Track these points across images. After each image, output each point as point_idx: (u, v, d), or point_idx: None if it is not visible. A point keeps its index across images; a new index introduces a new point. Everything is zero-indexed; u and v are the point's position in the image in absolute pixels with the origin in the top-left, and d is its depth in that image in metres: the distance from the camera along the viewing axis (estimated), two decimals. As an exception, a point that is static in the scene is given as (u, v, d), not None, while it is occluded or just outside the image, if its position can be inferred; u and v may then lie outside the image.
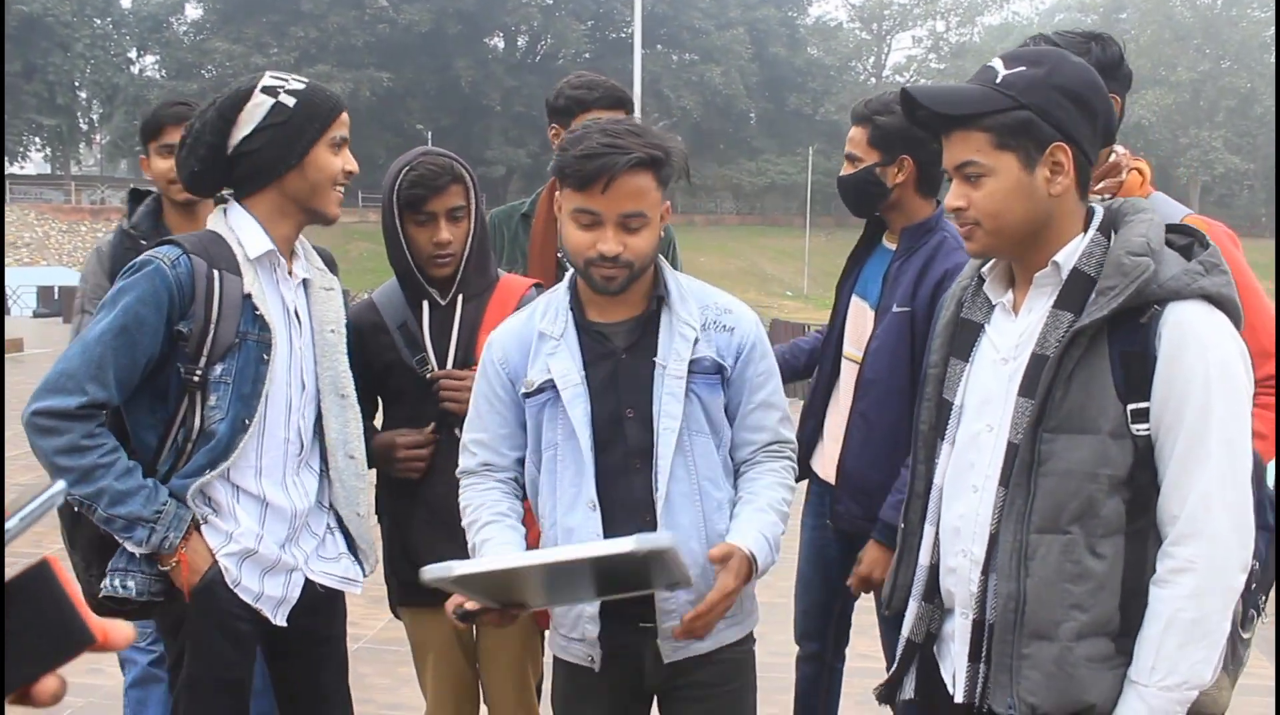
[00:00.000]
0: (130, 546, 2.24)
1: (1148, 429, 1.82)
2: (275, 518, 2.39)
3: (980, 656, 1.94)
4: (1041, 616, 1.85)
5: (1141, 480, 1.84)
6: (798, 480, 3.29)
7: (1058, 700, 1.85)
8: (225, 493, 2.32)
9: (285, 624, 2.41)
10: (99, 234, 44.01)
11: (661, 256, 2.28)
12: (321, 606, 2.50)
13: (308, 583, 2.45)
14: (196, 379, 2.26)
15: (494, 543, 2.18)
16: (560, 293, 2.28)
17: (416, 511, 2.67)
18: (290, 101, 2.30)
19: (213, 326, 2.25)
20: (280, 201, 2.36)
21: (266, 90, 2.30)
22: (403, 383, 2.69)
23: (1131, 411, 1.82)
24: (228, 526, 2.32)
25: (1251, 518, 1.84)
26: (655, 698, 2.37)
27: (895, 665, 2.15)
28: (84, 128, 63.01)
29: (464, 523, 2.27)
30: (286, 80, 2.34)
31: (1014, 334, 1.96)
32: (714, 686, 2.28)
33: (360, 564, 2.57)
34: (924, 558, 2.09)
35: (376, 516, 2.78)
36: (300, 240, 2.47)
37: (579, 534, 2.16)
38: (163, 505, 2.22)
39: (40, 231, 50.55)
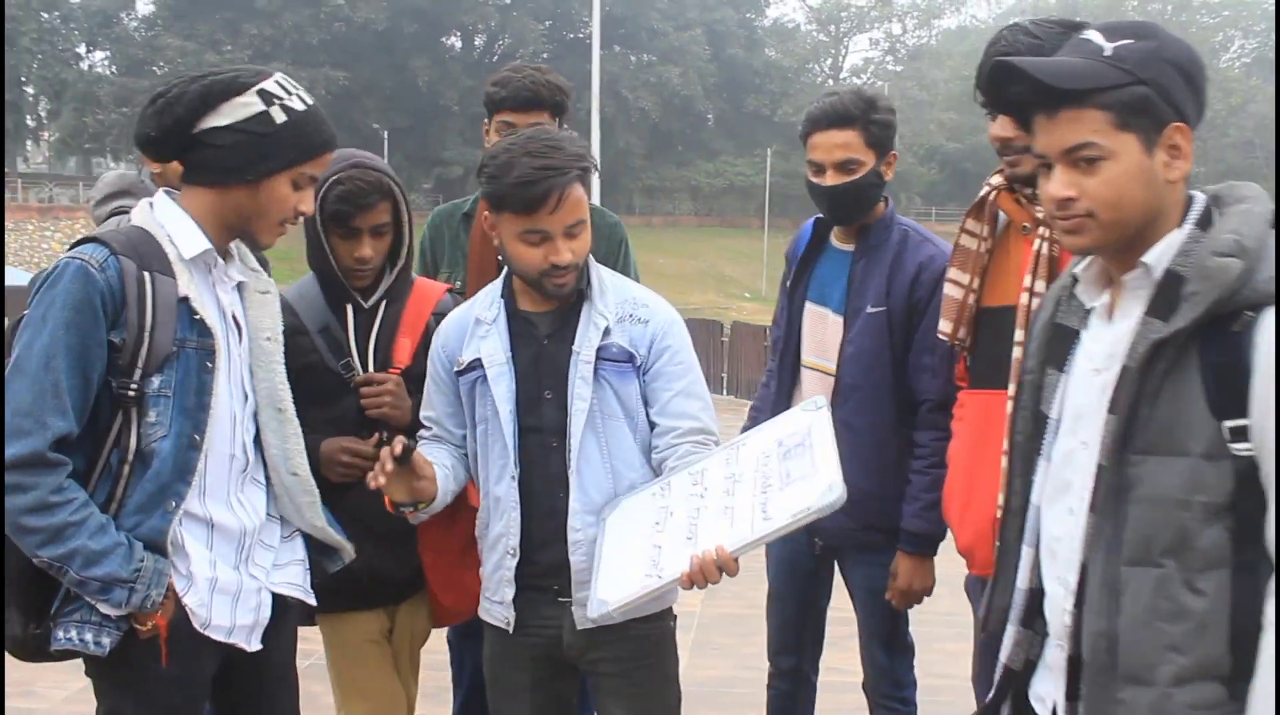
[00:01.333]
0: (106, 609, 2.02)
1: (1250, 449, 1.58)
2: (222, 540, 2.20)
3: (1078, 695, 1.74)
4: (1135, 658, 1.65)
5: (1247, 506, 1.59)
6: None
7: None
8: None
9: (260, 645, 2.25)
10: (46, 233, 43.17)
11: (591, 255, 2.45)
12: (272, 624, 2.32)
13: (275, 598, 2.29)
14: (132, 393, 2.05)
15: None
16: (497, 283, 2.49)
17: (337, 515, 2.54)
18: (280, 118, 2.11)
19: (147, 334, 2.04)
20: (220, 208, 2.17)
21: (263, 94, 2.11)
22: (321, 385, 2.60)
23: (1230, 429, 1.59)
24: (180, 564, 2.12)
25: None
26: (586, 680, 2.56)
27: (992, 693, 1.95)
28: (30, 124, 61.85)
29: None
30: (290, 94, 2.14)
31: (1108, 342, 1.74)
32: (632, 661, 2.44)
33: (338, 557, 2.44)
34: (1022, 580, 1.90)
35: None
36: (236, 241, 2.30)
37: (504, 502, 2.41)
38: (140, 562, 2.02)
39: (-16, 230, 49.44)
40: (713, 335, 15.43)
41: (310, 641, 2.71)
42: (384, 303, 2.72)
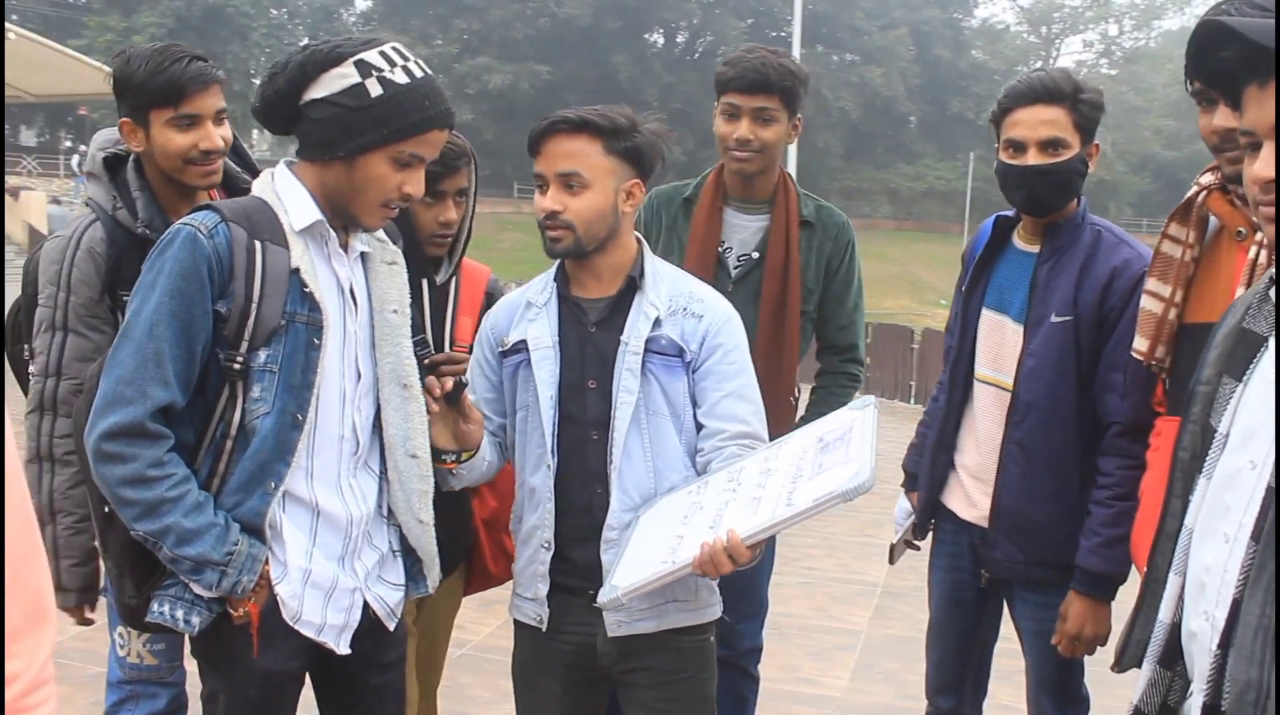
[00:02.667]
0: (198, 589, 1.98)
1: None
2: (329, 529, 2.10)
3: None
4: None
5: None
6: (930, 519, 2.92)
7: None
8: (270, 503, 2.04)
9: (349, 650, 2.14)
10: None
11: (644, 240, 2.42)
12: (378, 628, 2.22)
13: (367, 603, 2.18)
14: (238, 366, 1.97)
15: None
16: (552, 268, 2.42)
17: None
18: (376, 90, 1.98)
19: (255, 306, 1.97)
20: (321, 183, 2.07)
21: (360, 65, 1.99)
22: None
23: None
24: (276, 550, 2.04)
25: None
26: (616, 691, 2.43)
27: None
28: (257, 113, 65.44)
29: None
30: (395, 65, 2.00)
31: None
32: (667, 674, 2.33)
33: (423, 579, 2.30)
34: (1165, 613, 1.64)
35: None
36: None
37: (539, 494, 2.32)
38: (234, 545, 1.95)
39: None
40: (902, 341, 14.89)
41: (465, 631, 2.64)
42: (453, 279, 2.68)
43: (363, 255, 2.18)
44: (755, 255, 3.10)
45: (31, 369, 2.59)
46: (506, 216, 47.34)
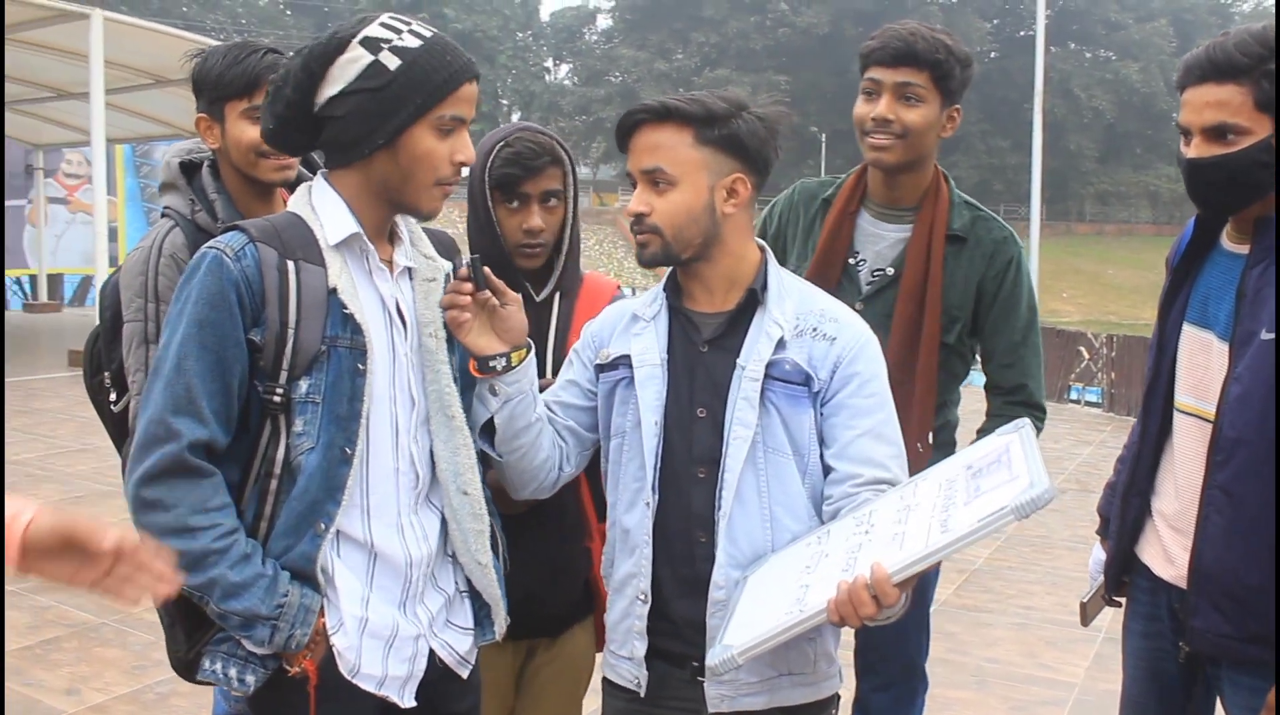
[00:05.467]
0: (250, 646, 1.79)
1: None
2: (386, 572, 1.87)
3: None
4: None
5: None
6: (1122, 574, 2.44)
7: None
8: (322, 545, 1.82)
9: (415, 703, 1.91)
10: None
11: (769, 249, 2.10)
12: (447, 676, 1.97)
13: (433, 651, 1.94)
14: (278, 399, 1.77)
15: None
16: (664, 279, 2.12)
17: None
18: (392, 63, 1.76)
19: (291, 332, 1.76)
20: (367, 184, 1.84)
21: (366, 43, 1.77)
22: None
23: None
24: (331, 596, 1.83)
25: None
26: None
27: None
28: (502, 132, 68.33)
29: None
30: (399, 32, 1.79)
31: None
32: None
33: (490, 625, 2.04)
34: None
35: None
36: (404, 219, 1.95)
37: (634, 536, 2.01)
38: (284, 597, 1.75)
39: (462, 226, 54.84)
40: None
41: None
42: (558, 296, 2.37)
43: (409, 271, 1.95)
44: (890, 271, 2.66)
45: (130, 389, 2.48)
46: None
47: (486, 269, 1.96)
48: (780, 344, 1.97)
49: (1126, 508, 2.38)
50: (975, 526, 1.58)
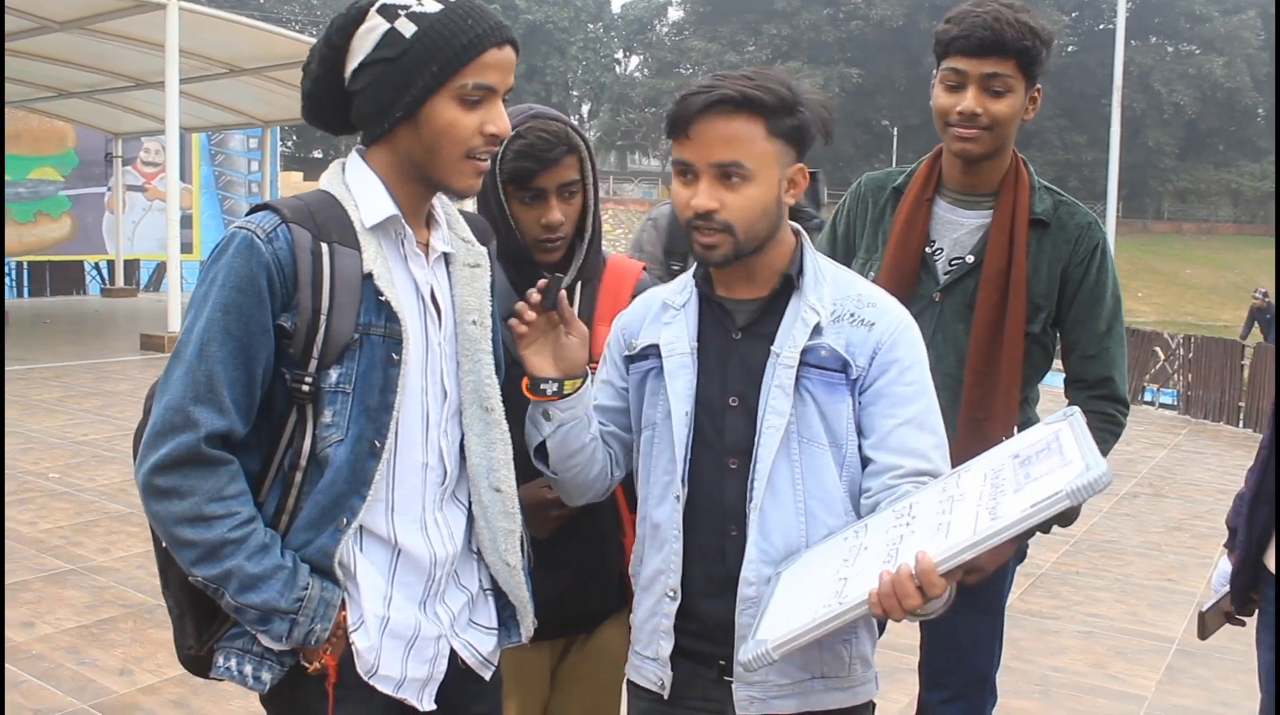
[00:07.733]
0: (267, 641, 1.72)
1: None
2: (409, 569, 1.80)
3: None
4: None
5: None
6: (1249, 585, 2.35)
7: None
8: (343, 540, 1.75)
9: (434, 706, 1.84)
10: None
11: (805, 231, 1.97)
12: (467, 676, 1.90)
13: (454, 651, 1.87)
14: (306, 388, 1.69)
15: None
16: (695, 267, 2.01)
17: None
18: (408, 29, 1.68)
19: (324, 318, 1.68)
20: (396, 161, 1.76)
21: (384, 10, 1.69)
22: (508, 388, 2.05)
23: None
24: (352, 592, 1.76)
25: None
26: None
27: None
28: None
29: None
30: None
31: None
32: None
33: (516, 626, 1.97)
34: None
35: None
36: (440, 202, 1.87)
37: (664, 531, 1.93)
38: (303, 591, 1.68)
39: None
40: (1231, 357, 13.32)
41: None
42: (579, 284, 2.26)
43: (446, 256, 1.88)
44: (970, 259, 2.53)
45: None
46: (812, 222, 46.86)
47: (562, 293, 1.89)
48: (817, 330, 1.88)
49: (1255, 516, 2.31)
50: (1028, 511, 1.49)
